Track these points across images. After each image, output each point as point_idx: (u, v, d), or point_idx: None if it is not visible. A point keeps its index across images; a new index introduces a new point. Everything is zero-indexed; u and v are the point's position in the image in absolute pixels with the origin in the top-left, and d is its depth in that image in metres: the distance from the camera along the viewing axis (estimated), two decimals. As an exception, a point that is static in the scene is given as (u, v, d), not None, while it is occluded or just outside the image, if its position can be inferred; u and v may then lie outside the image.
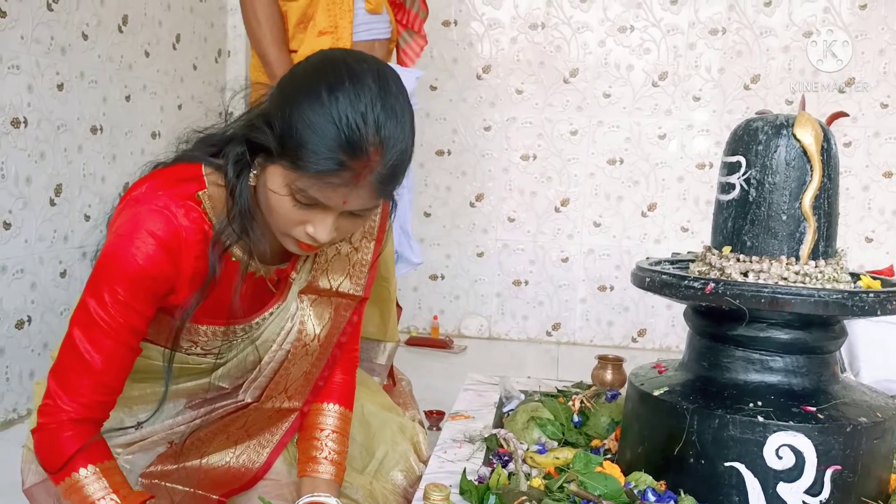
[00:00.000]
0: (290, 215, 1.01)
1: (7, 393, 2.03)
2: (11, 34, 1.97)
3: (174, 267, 1.03)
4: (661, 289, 1.34)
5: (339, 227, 1.03)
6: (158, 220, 1.00)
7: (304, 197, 0.98)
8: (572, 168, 3.29)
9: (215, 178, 1.07)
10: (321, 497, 1.18)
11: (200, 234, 1.04)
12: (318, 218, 1.00)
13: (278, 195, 0.99)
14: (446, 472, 1.38)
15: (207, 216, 1.05)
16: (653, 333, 3.32)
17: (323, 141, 0.94)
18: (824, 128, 1.35)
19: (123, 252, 1.00)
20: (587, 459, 1.32)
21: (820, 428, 1.20)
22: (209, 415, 1.23)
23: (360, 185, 0.97)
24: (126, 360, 1.05)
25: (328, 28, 2.20)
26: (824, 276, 1.30)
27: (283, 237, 1.06)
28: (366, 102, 0.95)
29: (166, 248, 1.01)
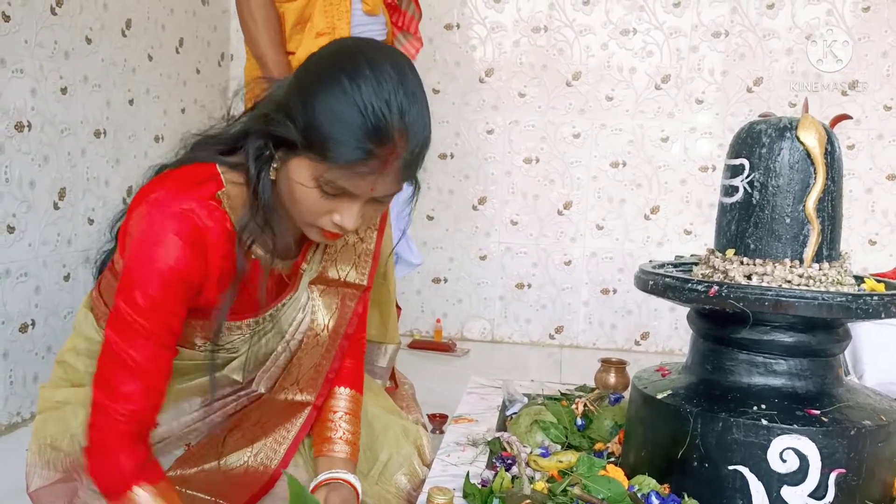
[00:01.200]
0: (316, 206, 1.01)
1: (11, 396, 2.03)
2: (15, 38, 1.98)
3: (203, 268, 1.03)
4: (664, 292, 1.34)
5: (364, 213, 1.03)
6: (184, 223, 1.01)
7: (332, 188, 0.99)
8: (575, 171, 3.29)
9: (232, 176, 1.07)
10: (339, 473, 1.19)
11: (224, 234, 1.04)
12: (345, 206, 1.01)
13: (305, 187, 1.00)
14: (450, 476, 1.37)
15: (228, 215, 1.06)
16: (656, 336, 3.31)
17: (350, 130, 0.94)
18: (828, 130, 1.35)
19: (153, 255, 1.00)
20: (591, 463, 1.31)
21: (824, 431, 1.19)
22: (223, 409, 1.23)
23: (386, 171, 0.98)
24: (167, 361, 1.06)
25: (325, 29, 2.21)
26: (828, 278, 1.30)
27: (307, 227, 1.06)
28: (388, 89, 0.96)
29: (194, 249, 1.01)
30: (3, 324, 1.99)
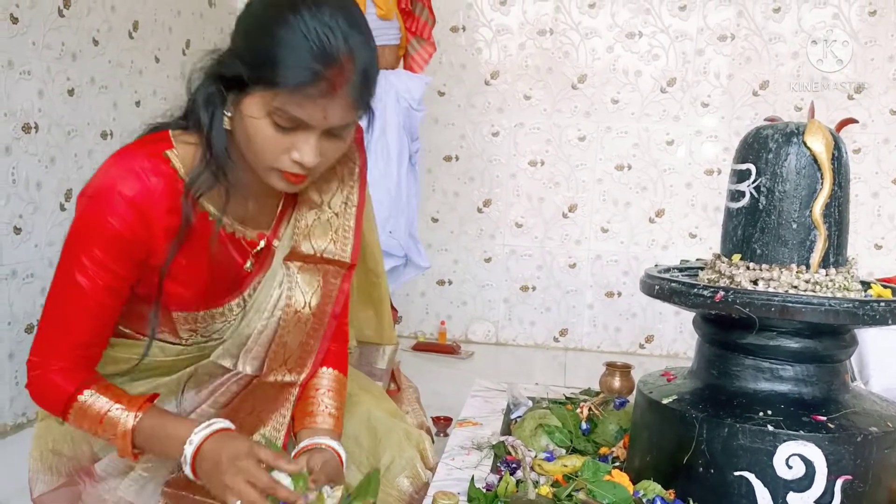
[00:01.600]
0: (272, 143, 1.02)
1: (17, 397, 2.04)
2: (23, 40, 1.99)
3: (146, 227, 1.05)
4: (670, 297, 1.34)
5: (322, 150, 1.04)
6: (128, 181, 1.03)
7: (285, 119, 1.00)
8: (580, 174, 3.29)
9: (184, 138, 1.09)
10: (322, 439, 1.17)
11: (171, 190, 1.05)
12: (301, 139, 1.02)
13: (258, 121, 1.00)
14: (454, 480, 1.37)
15: (179, 174, 1.07)
16: (660, 339, 3.31)
17: (296, 53, 0.96)
18: (835, 136, 1.35)
19: (97, 215, 1.03)
20: (596, 468, 1.31)
21: (830, 437, 1.19)
22: (213, 397, 1.22)
23: (336, 96, 0.99)
24: (109, 318, 1.09)
25: None
26: (835, 284, 1.30)
27: (268, 174, 1.06)
28: (329, 15, 0.98)
29: (138, 209, 1.03)
30: (10, 325, 2.00)
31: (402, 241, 2.44)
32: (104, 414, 1.06)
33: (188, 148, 1.08)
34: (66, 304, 1.07)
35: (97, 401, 1.06)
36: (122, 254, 1.05)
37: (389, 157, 2.38)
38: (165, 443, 1.06)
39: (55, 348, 1.08)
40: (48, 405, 1.10)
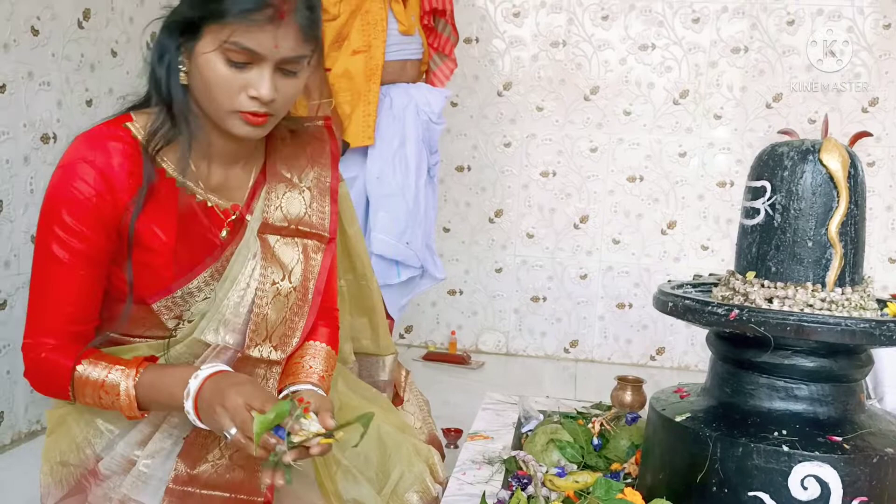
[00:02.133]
0: (228, 81, 1.06)
1: (31, 405, 2.05)
2: (43, 51, 2.01)
3: (111, 190, 1.08)
4: (683, 314, 1.34)
5: (278, 87, 1.08)
6: (89, 150, 1.08)
7: (238, 52, 1.04)
8: (592, 185, 3.28)
9: (144, 111, 1.14)
10: (305, 386, 1.17)
11: (132, 153, 1.10)
12: (255, 75, 1.06)
13: (212, 60, 1.05)
14: (465, 495, 1.37)
15: (139, 141, 1.11)
16: (672, 351, 3.30)
17: None
18: (851, 153, 1.34)
19: (63, 186, 1.08)
20: (608, 485, 1.31)
21: (846, 458, 1.18)
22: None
23: (284, 23, 1.04)
24: (91, 289, 1.12)
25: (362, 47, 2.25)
26: (851, 303, 1.29)
27: (228, 119, 1.10)
28: None
29: (100, 173, 1.08)
30: (25, 332, 2.02)
31: (418, 253, 2.45)
32: (104, 380, 1.09)
33: (147, 117, 1.13)
34: (48, 279, 1.10)
35: (95, 369, 1.09)
36: (91, 218, 1.08)
37: (408, 169, 2.39)
38: (168, 391, 1.08)
39: (45, 326, 1.11)
40: (50, 386, 1.13)
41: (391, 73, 2.36)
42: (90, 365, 1.10)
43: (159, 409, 1.14)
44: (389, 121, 2.36)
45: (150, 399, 1.10)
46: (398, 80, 2.41)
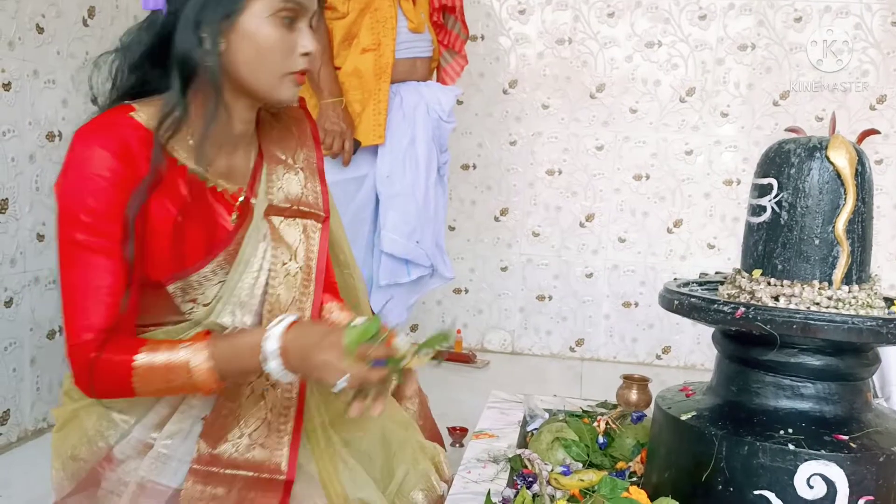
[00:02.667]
0: (282, 44, 1.11)
1: (37, 402, 2.06)
2: (48, 49, 2.01)
3: (132, 168, 1.07)
4: (689, 312, 1.33)
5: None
6: (106, 136, 1.06)
7: (290, 9, 1.10)
8: (598, 183, 3.27)
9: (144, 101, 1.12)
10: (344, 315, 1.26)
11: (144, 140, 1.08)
12: (299, 31, 1.13)
13: (263, 25, 1.09)
14: (470, 494, 1.37)
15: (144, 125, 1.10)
16: (678, 351, 3.29)
17: None
18: (858, 150, 1.34)
19: (83, 174, 1.05)
20: (613, 484, 1.30)
21: (852, 457, 1.17)
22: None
23: None
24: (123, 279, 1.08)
25: (371, 45, 2.25)
26: (857, 301, 1.28)
27: (281, 83, 1.13)
28: None
29: (120, 156, 1.06)
30: (31, 330, 2.02)
31: (428, 252, 2.44)
32: (172, 362, 1.06)
33: (152, 106, 1.11)
34: (82, 272, 1.07)
35: (158, 354, 1.07)
36: (116, 202, 1.06)
37: (418, 167, 2.38)
38: (242, 356, 1.07)
39: (88, 322, 1.07)
40: (111, 386, 1.09)
41: (401, 71, 2.35)
42: (150, 352, 1.07)
43: (235, 376, 1.13)
44: (399, 119, 2.36)
45: (225, 368, 1.09)
46: (408, 78, 2.40)
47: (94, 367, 1.06)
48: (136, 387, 1.08)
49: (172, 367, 1.07)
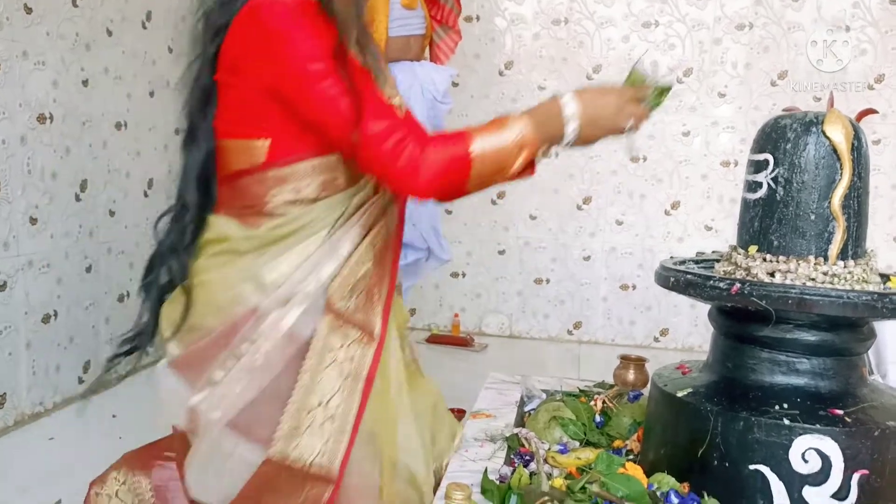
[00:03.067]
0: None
1: (34, 386, 2.05)
2: (37, 30, 1.99)
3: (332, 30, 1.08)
4: (685, 289, 1.33)
5: None
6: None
7: None
8: (595, 165, 3.26)
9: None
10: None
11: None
12: None
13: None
14: (468, 472, 1.37)
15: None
16: (675, 333, 3.29)
17: None
18: (855, 125, 1.33)
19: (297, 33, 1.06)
20: (609, 460, 1.30)
21: (847, 432, 1.17)
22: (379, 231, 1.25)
23: None
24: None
25: None
26: (853, 276, 1.28)
27: None
28: None
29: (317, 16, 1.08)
30: (26, 314, 2.01)
31: (424, 234, 2.43)
32: (504, 144, 1.09)
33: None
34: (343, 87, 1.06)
35: (489, 137, 1.09)
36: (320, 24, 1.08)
37: None
38: (550, 123, 1.13)
39: (392, 117, 1.08)
40: (449, 181, 1.09)
41: (395, 49, 2.33)
42: (482, 137, 1.09)
43: (547, 142, 1.16)
44: (394, 100, 2.34)
45: (542, 139, 1.13)
46: (402, 57, 2.38)
47: (433, 159, 1.07)
48: (471, 179, 1.09)
49: (503, 149, 1.09)
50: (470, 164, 1.07)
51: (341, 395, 1.14)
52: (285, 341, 1.14)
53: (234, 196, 1.20)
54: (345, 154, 1.13)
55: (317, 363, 1.14)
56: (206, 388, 1.14)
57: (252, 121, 1.15)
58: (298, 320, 1.16)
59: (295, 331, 1.15)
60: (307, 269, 1.18)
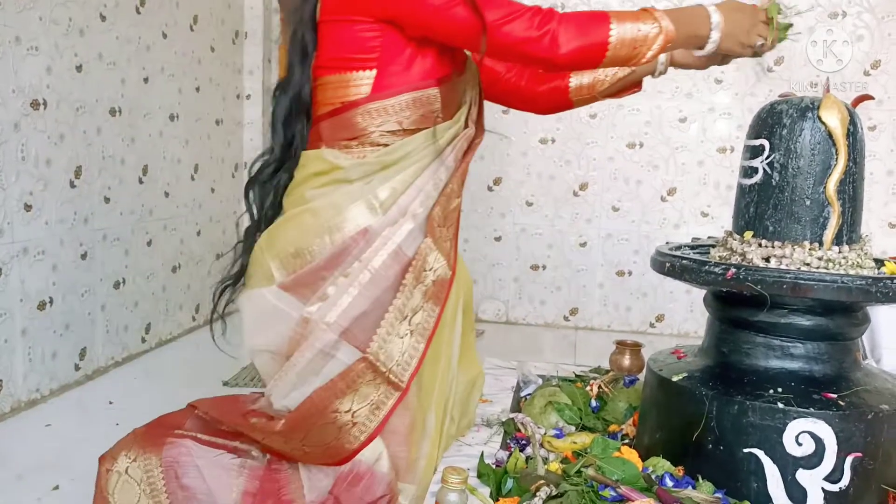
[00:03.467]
0: None
1: (30, 373, 2.05)
2: (30, 15, 1.98)
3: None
4: (681, 274, 1.33)
5: None
6: None
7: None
8: (591, 152, 3.26)
9: None
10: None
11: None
12: None
13: None
14: (464, 456, 1.38)
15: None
16: (671, 319, 3.30)
17: None
18: (850, 111, 1.32)
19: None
20: (605, 444, 1.31)
21: (841, 415, 1.18)
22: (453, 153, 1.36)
23: None
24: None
25: None
26: (848, 261, 1.28)
27: None
28: None
29: None
30: (21, 301, 2.01)
31: None
32: (637, 33, 1.19)
33: None
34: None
35: (624, 25, 1.19)
36: None
37: None
38: (694, 23, 1.24)
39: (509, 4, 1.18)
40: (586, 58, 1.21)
41: None
42: (621, 24, 1.19)
43: (681, 43, 1.25)
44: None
45: (680, 32, 1.22)
46: None
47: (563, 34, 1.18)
48: (605, 62, 1.20)
49: (638, 38, 1.19)
50: (607, 48, 1.19)
51: (422, 314, 1.26)
52: (391, 259, 1.25)
53: (336, 130, 1.30)
54: (486, 51, 1.22)
55: (413, 280, 1.26)
56: (318, 302, 1.24)
57: (360, 54, 1.25)
58: (406, 239, 1.27)
59: (402, 248, 1.26)
60: (412, 194, 1.30)
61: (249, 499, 1.22)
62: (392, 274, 1.25)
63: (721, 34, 1.24)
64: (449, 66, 1.32)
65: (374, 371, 1.22)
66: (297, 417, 1.22)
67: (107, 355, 2.39)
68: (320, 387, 1.22)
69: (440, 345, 1.34)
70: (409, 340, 1.25)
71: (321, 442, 1.22)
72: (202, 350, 2.70)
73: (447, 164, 1.34)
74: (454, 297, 1.37)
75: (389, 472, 1.25)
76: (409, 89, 1.27)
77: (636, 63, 1.24)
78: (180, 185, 2.79)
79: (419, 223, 1.30)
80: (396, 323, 1.24)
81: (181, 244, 2.83)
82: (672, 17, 1.23)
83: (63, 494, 1.53)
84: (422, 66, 1.28)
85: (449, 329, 1.38)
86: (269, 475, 1.25)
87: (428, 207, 1.32)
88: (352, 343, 1.22)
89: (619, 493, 1.16)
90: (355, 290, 1.23)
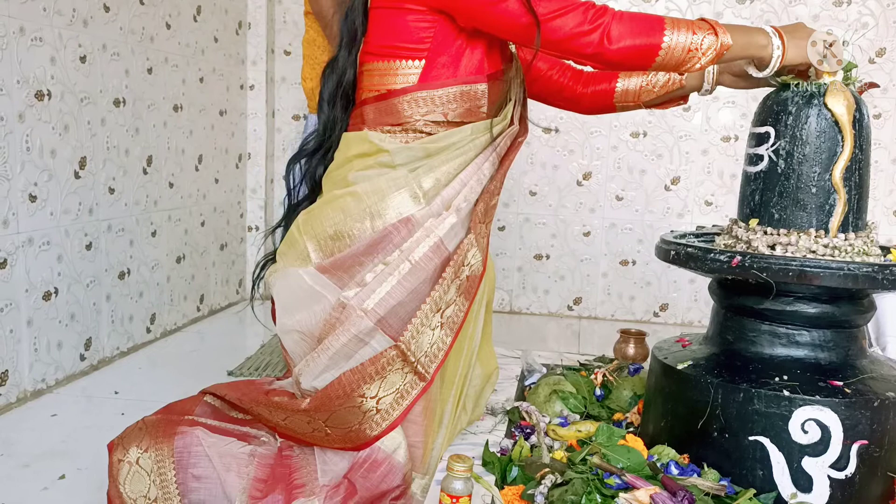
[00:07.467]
0: None
1: (36, 363, 2.06)
2: (34, 6, 1.97)
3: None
4: (686, 262, 1.33)
5: None
6: None
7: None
8: (595, 141, 3.25)
9: None
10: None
11: None
12: None
13: None
14: (469, 444, 1.38)
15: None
16: (675, 308, 3.30)
17: None
18: (856, 97, 1.32)
19: None
20: (610, 432, 1.31)
21: (846, 402, 1.18)
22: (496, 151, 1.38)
23: None
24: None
25: None
26: (854, 249, 1.28)
27: None
28: None
29: None
30: (27, 292, 2.02)
31: None
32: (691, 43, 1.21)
33: None
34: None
35: (679, 34, 1.21)
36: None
37: None
38: (752, 33, 1.28)
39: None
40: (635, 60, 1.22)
41: None
42: (676, 32, 1.21)
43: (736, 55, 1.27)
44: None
45: (737, 44, 1.25)
46: None
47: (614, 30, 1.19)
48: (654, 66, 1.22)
49: (693, 44, 1.21)
50: (659, 51, 1.20)
51: (454, 307, 1.28)
52: (432, 252, 1.27)
53: (380, 114, 1.32)
54: (539, 44, 1.22)
55: (452, 275, 1.27)
56: (355, 288, 1.26)
57: (411, 43, 1.27)
58: (448, 233, 1.28)
59: (443, 242, 1.28)
60: (456, 187, 1.32)
61: (260, 485, 1.23)
62: (432, 267, 1.27)
63: (780, 42, 1.28)
64: (499, 62, 1.34)
65: (403, 359, 1.23)
66: (323, 397, 1.23)
67: (112, 345, 2.39)
68: (349, 369, 1.23)
69: (464, 338, 1.36)
70: (438, 333, 1.26)
71: (344, 424, 1.23)
72: (207, 340, 2.71)
73: (492, 160, 1.35)
74: (481, 293, 1.39)
75: (406, 463, 1.25)
76: (459, 83, 1.29)
77: (688, 70, 1.24)
78: (185, 175, 2.80)
79: (461, 218, 1.31)
80: (431, 315, 1.26)
81: (186, 234, 2.83)
82: (729, 28, 1.25)
83: (69, 483, 1.54)
84: (470, 60, 1.29)
85: (473, 323, 1.39)
86: (280, 461, 1.26)
87: (471, 202, 1.32)
88: (386, 332, 1.24)
89: (624, 481, 1.16)
90: (394, 280, 1.24)
